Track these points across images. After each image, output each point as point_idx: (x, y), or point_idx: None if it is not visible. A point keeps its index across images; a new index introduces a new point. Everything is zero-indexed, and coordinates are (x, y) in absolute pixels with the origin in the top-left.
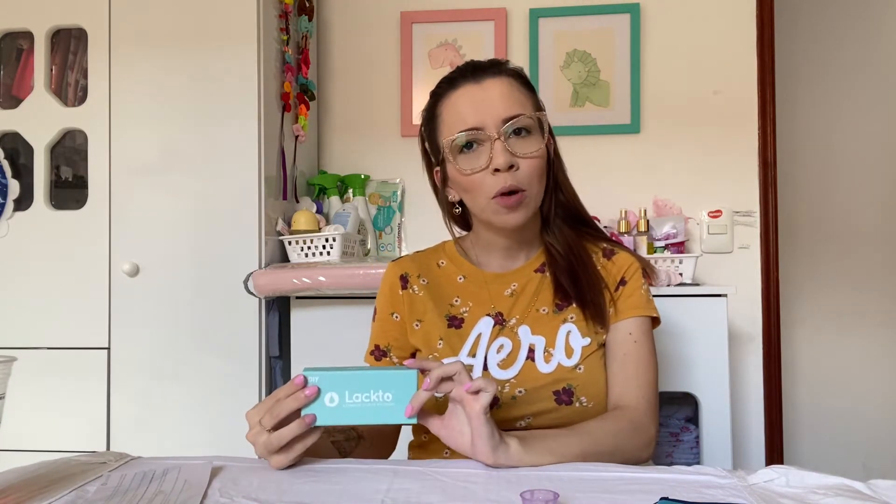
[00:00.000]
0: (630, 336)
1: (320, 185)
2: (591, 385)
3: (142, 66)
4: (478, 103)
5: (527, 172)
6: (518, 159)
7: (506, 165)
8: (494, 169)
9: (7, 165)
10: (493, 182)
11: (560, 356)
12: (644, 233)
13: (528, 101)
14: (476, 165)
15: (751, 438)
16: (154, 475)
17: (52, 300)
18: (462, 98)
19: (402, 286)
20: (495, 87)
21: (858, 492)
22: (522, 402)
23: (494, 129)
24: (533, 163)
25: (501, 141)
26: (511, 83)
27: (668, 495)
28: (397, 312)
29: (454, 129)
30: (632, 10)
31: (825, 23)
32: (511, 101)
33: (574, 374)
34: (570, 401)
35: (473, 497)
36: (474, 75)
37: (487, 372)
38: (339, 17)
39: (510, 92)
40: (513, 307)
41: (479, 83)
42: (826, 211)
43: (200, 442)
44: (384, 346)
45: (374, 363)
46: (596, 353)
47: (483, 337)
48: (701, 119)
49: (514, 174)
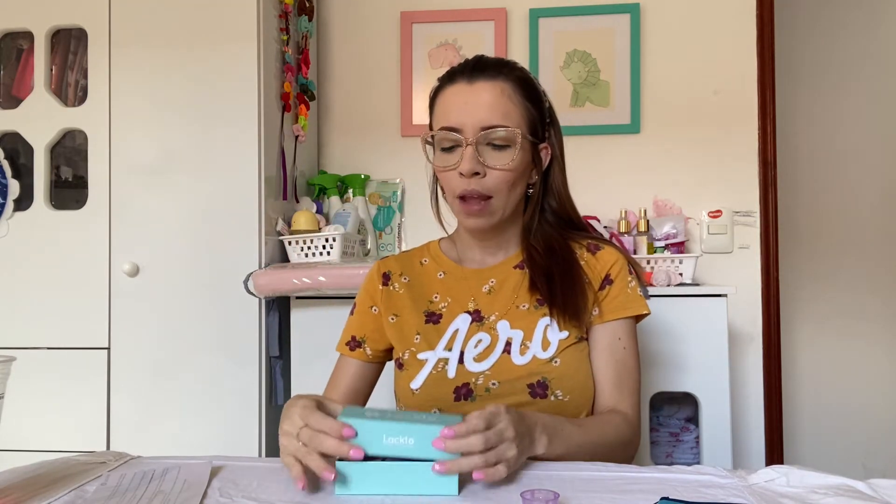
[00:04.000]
0: (619, 341)
1: (320, 185)
2: (567, 378)
3: (142, 66)
4: (463, 105)
5: (493, 182)
6: (487, 168)
7: (469, 172)
8: (459, 172)
9: (7, 165)
10: (458, 183)
11: (536, 349)
12: (644, 233)
13: (516, 111)
14: (447, 163)
15: (751, 438)
16: (154, 475)
17: (52, 300)
18: (452, 96)
19: (383, 283)
20: (485, 91)
21: (859, 491)
22: (496, 394)
23: (471, 134)
24: (500, 174)
25: (473, 147)
26: (505, 90)
27: (668, 495)
28: (376, 306)
29: (438, 123)
30: (632, 10)
31: (825, 23)
32: (495, 110)
33: (549, 367)
34: (544, 394)
35: (473, 497)
36: (471, 75)
37: (462, 365)
38: (339, 17)
39: (498, 99)
40: (492, 303)
41: (472, 84)
42: (826, 211)
43: (200, 442)
44: (360, 338)
45: (349, 353)
46: (574, 346)
47: (460, 333)
48: (701, 119)
49: (480, 181)
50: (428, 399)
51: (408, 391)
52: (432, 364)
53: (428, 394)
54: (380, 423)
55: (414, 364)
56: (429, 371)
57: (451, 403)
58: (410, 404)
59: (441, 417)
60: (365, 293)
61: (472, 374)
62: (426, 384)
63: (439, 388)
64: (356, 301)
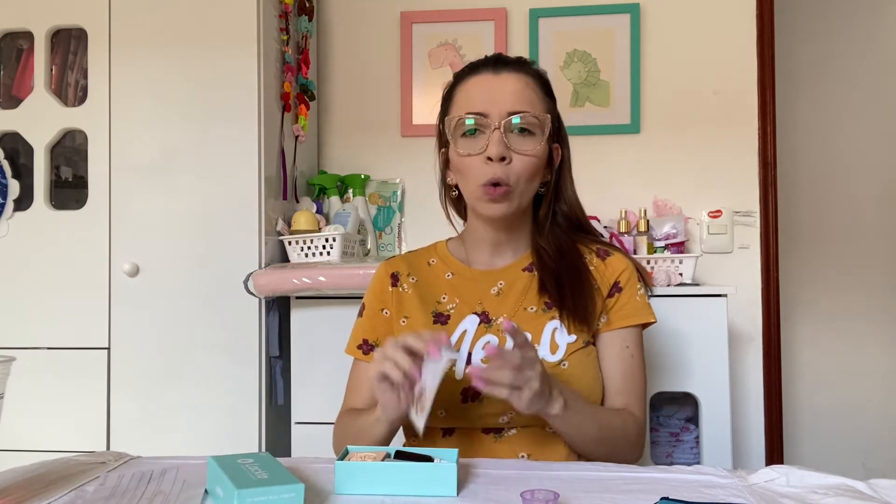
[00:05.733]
0: (627, 349)
1: (320, 185)
2: (574, 382)
3: (142, 66)
4: (489, 91)
5: (518, 169)
6: (513, 153)
7: (498, 156)
8: (487, 157)
9: (7, 165)
10: (484, 170)
11: (544, 352)
12: (644, 233)
13: (540, 102)
14: (472, 149)
15: (751, 438)
16: (153, 475)
17: (52, 300)
18: (477, 84)
19: (392, 283)
20: (511, 80)
21: (859, 491)
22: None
23: (497, 119)
24: (526, 160)
25: (500, 132)
26: (528, 83)
27: (669, 495)
28: (387, 308)
29: (461, 110)
30: (632, 10)
31: (825, 23)
32: (521, 98)
33: (557, 370)
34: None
35: (473, 497)
36: (495, 66)
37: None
38: (339, 17)
39: (524, 89)
40: (500, 306)
41: (498, 74)
42: (826, 211)
43: (200, 442)
44: (372, 341)
45: (362, 357)
46: (582, 350)
47: (468, 334)
48: (701, 119)
49: (505, 167)
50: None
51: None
52: None
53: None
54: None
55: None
56: None
57: (459, 405)
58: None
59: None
60: (373, 296)
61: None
62: None
63: (446, 389)
64: (364, 303)
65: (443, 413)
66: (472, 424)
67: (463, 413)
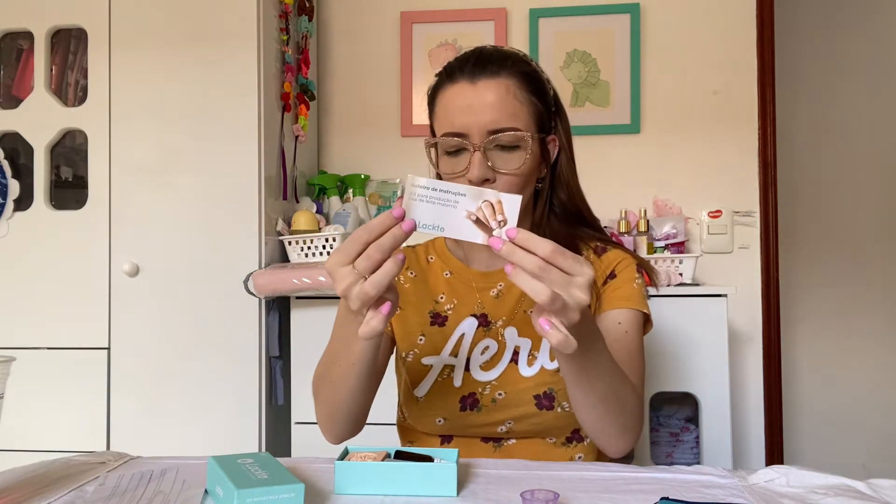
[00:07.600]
0: (620, 325)
1: (320, 185)
2: None
3: (142, 66)
4: (467, 108)
5: (503, 187)
6: (497, 174)
7: (479, 180)
8: (469, 180)
9: (7, 165)
10: None
11: (543, 359)
12: (644, 233)
13: (524, 110)
14: (455, 169)
15: (751, 438)
16: (152, 475)
17: (52, 300)
18: (455, 97)
19: None
20: (489, 90)
21: (858, 492)
22: (503, 405)
23: (478, 139)
24: (511, 179)
25: (481, 153)
26: (510, 88)
27: (669, 495)
28: None
29: (442, 127)
30: (632, 10)
31: (825, 23)
32: (502, 110)
33: (556, 377)
34: (551, 406)
35: (473, 497)
36: (472, 73)
37: (469, 373)
38: (339, 17)
39: (504, 97)
40: (499, 308)
41: (475, 84)
42: (826, 210)
43: (200, 442)
44: None
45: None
46: None
47: (466, 337)
48: (701, 119)
49: (490, 185)
50: (432, 408)
51: (412, 398)
52: (437, 371)
53: (433, 402)
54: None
55: (418, 369)
56: (434, 378)
57: (457, 413)
58: (414, 412)
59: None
60: None
61: (478, 384)
62: (431, 392)
63: (445, 396)
64: None
65: (441, 420)
66: (470, 433)
67: (461, 421)
